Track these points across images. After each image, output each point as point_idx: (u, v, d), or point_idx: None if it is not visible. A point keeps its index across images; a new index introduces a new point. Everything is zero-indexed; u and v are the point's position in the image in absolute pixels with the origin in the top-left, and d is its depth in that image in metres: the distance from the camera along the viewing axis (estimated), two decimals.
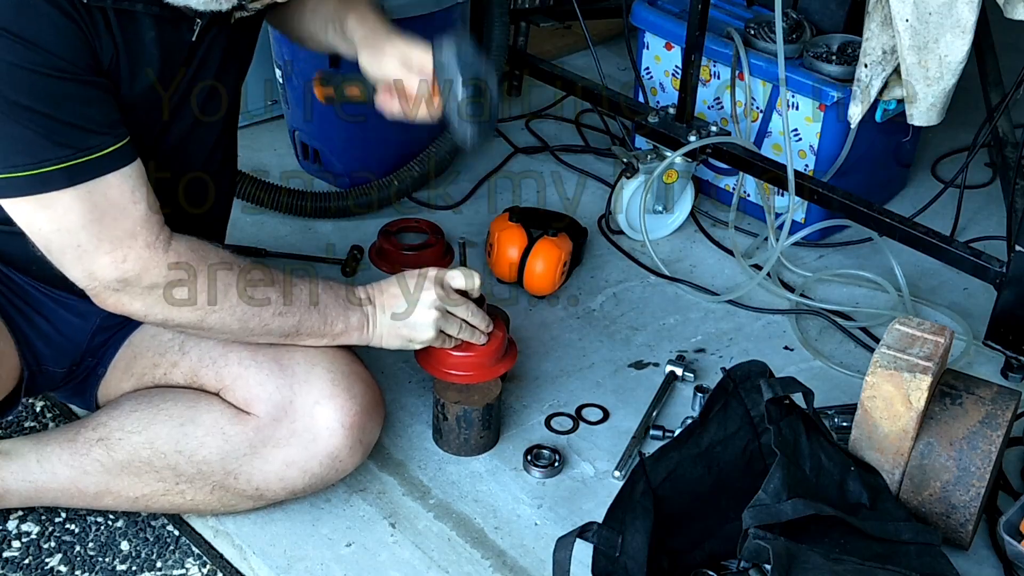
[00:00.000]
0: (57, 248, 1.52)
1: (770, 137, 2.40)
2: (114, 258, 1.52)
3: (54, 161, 1.45)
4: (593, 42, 2.60)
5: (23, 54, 1.40)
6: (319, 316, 1.68)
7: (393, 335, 1.74)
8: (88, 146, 1.47)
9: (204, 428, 1.67)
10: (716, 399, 1.70)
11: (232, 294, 1.60)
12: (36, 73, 1.41)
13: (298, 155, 2.58)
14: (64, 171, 1.46)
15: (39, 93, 1.42)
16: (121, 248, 1.52)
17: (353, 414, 1.69)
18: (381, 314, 1.73)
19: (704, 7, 2.22)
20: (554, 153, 2.70)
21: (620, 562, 1.55)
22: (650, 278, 2.34)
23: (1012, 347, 2.06)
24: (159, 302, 1.57)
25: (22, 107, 1.42)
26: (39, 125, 1.43)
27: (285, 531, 1.76)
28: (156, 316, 1.59)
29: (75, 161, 1.46)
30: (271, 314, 1.64)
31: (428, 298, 1.73)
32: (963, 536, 1.72)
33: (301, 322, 1.67)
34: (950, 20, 2.04)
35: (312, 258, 2.31)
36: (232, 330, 1.64)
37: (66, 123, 1.45)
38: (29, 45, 1.40)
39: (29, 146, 1.44)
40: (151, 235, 1.54)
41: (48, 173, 1.45)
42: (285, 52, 2.41)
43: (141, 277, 1.54)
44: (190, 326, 1.62)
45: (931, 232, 2.11)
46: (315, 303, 1.68)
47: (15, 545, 1.75)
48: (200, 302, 1.59)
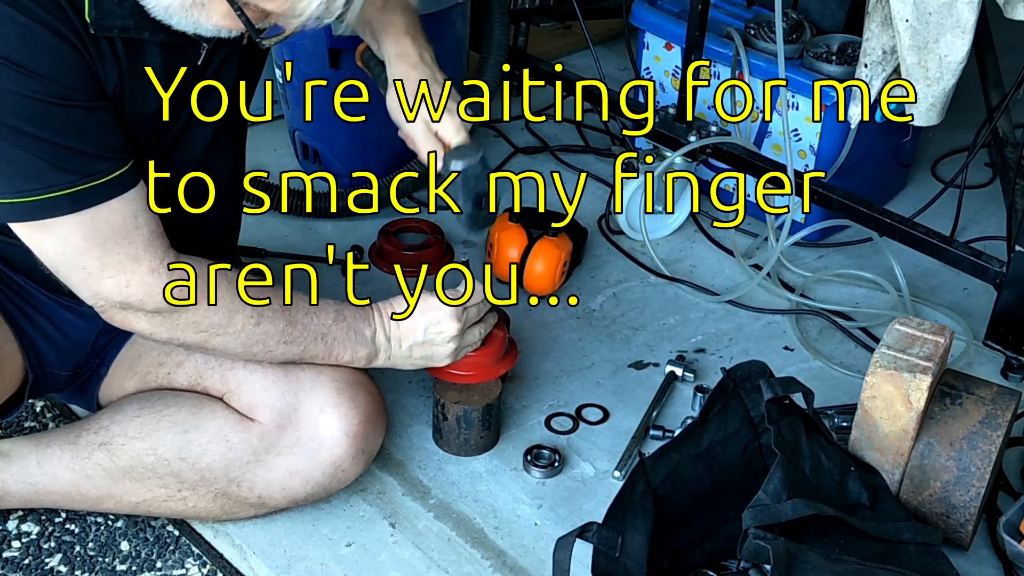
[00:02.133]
0: (64, 270, 1.53)
1: (770, 137, 2.40)
2: (117, 282, 1.53)
3: (59, 187, 1.45)
4: (593, 42, 2.60)
5: (27, 83, 1.40)
6: (324, 347, 1.68)
7: (407, 365, 1.76)
8: (93, 172, 1.46)
9: (208, 435, 1.67)
10: (716, 399, 1.70)
11: (237, 320, 1.60)
12: (40, 101, 1.41)
13: (298, 155, 2.58)
14: (68, 197, 1.46)
15: (43, 121, 1.42)
16: (124, 273, 1.52)
17: (357, 423, 1.69)
18: (396, 347, 1.73)
19: (704, 7, 2.22)
20: (554, 153, 2.70)
21: (620, 562, 1.55)
22: (650, 278, 2.34)
23: (1012, 347, 2.06)
24: (164, 323, 1.58)
25: (26, 134, 1.42)
26: (44, 152, 1.43)
27: (285, 531, 1.76)
28: (161, 335, 1.60)
29: (80, 187, 1.46)
30: (276, 342, 1.64)
31: (449, 334, 1.74)
32: (963, 536, 1.72)
33: (306, 351, 1.67)
34: (950, 20, 2.04)
35: (312, 258, 2.31)
36: (236, 352, 1.64)
37: (70, 149, 1.45)
38: (32, 75, 1.40)
39: (34, 172, 1.44)
40: (155, 260, 1.54)
41: (52, 199, 1.45)
42: (285, 52, 2.41)
43: (144, 302, 1.55)
44: (194, 346, 1.63)
45: (931, 232, 2.11)
46: (323, 335, 1.67)
47: (15, 545, 1.75)
48: (204, 326, 1.59)
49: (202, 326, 1.59)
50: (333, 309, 1.69)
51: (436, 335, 1.73)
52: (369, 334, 1.71)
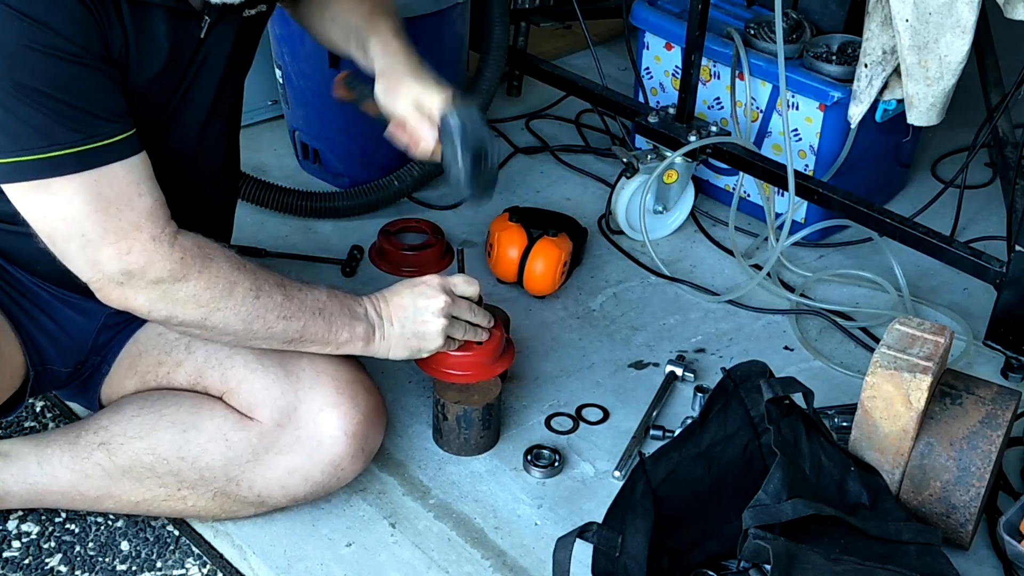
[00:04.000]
0: (62, 238, 1.50)
1: (770, 137, 2.40)
2: (118, 249, 1.50)
3: (66, 145, 1.44)
4: (593, 42, 2.60)
5: (35, 35, 1.39)
6: (324, 323, 1.67)
7: (401, 346, 1.74)
8: (99, 132, 1.46)
9: (207, 434, 1.67)
10: (716, 399, 1.71)
11: (237, 292, 1.58)
12: (48, 55, 1.41)
13: (298, 155, 2.58)
14: (75, 156, 1.45)
15: (51, 76, 1.42)
16: (126, 239, 1.50)
17: (356, 423, 1.69)
18: (389, 326, 1.72)
19: (704, 7, 2.22)
20: (554, 153, 2.70)
21: (620, 562, 1.55)
22: (650, 278, 2.34)
23: (1012, 347, 2.06)
24: (163, 297, 1.55)
25: (34, 90, 1.41)
26: (51, 109, 1.42)
27: (285, 531, 1.76)
28: (160, 312, 1.57)
29: (86, 147, 1.45)
30: (275, 316, 1.62)
31: (436, 306, 1.73)
32: (963, 536, 1.72)
33: (306, 327, 1.65)
34: (950, 20, 2.04)
35: (312, 258, 2.31)
36: (235, 331, 1.62)
37: (77, 108, 1.44)
38: (42, 27, 1.39)
39: (40, 129, 1.43)
40: (156, 228, 1.52)
41: (59, 158, 1.44)
42: (285, 52, 2.42)
43: (145, 270, 1.52)
44: (194, 324, 1.60)
45: (931, 232, 2.11)
46: (320, 310, 1.66)
47: (15, 545, 1.75)
48: (204, 299, 1.57)
49: (202, 300, 1.57)
50: (325, 288, 1.69)
51: (424, 309, 1.72)
52: (361, 311, 1.71)
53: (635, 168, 2.35)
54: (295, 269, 2.27)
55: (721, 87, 2.43)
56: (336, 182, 2.52)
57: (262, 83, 2.59)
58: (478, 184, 1.72)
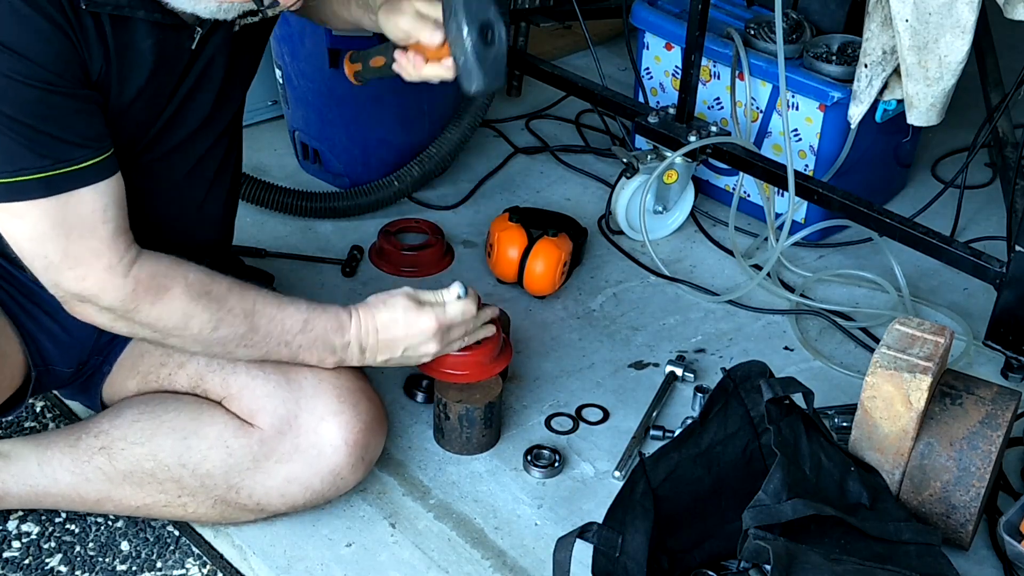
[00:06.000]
0: (28, 255, 1.52)
1: (770, 137, 2.40)
2: (76, 275, 1.52)
3: (32, 171, 1.44)
4: (593, 42, 2.60)
5: (9, 64, 1.39)
6: (288, 352, 1.66)
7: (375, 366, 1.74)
8: (69, 158, 1.46)
9: (208, 441, 1.67)
10: (716, 399, 1.71)
11: (193, 325, 1.59)
12: (22, 84, 1.41)
13: (298, 155, 2.58)
14: (42, 181, 1.45)
15: (24, 104, 1.42)
16: (82, 266, 1.51)
17: (357, 432, 1.68)
18: (372, 358, 1.71)
19: (704, 7, 2.22)
20: (554, 153, 2.70)
21: (620, 562, 1.55)
22: (650, 278, 2.34)
23: (1012, 347, 2.06)
24: (119, 320, 1.57)
25: (5, 116, 1.41)
26: (19, 134, 1.42)
27: (285, 531, 1.76)
28: (121, 330, 1.60)
29: (53, 172, 1.45)
30: (235, 346, 1.63)
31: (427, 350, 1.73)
32: (963, 536, 1.72)
33: (268, 354, 1.66)
34: (950, 20, 2.04)
35: (312, 258, 2.31)
36: (195, 352, 1.65)
37: (48, 134, 1.44)
38: (16, 55, 1.39)
39: (8, 155, 1.43)
40: (114, 257, 1.53)
41: (25, 183, 1.44)
42: (285, 52, 2.42)
43: (99, 297, 1.54)
44: (154, 342, 1.63)
45: (931, 232, 2.11)
46: (287, 342, 1.65)
47: (15, 545, 1.75)
48: (158, 327, 1.58)
49: (157, 327, 1.58)
50: (302, 318, 1.66)
51: (413, 351, 1.73)
52: (340, 344, 1.69)
53: (635, 168, 2.35)
54: (295, 269, 2.27)
55: (721, 87, 2.43)
56: (336, 182, 2.52)
57: (262, 83, 2.57)
58: (486, 65, 1.60)
